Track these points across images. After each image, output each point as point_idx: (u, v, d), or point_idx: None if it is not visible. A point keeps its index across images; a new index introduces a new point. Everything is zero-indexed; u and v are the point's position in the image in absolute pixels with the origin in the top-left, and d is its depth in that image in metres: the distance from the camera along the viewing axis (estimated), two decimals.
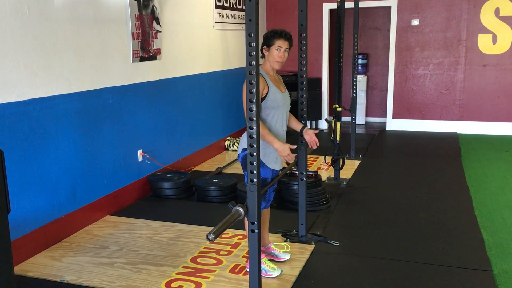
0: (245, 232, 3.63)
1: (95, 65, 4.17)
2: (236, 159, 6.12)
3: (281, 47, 3.09)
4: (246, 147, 3.08)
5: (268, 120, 3.11)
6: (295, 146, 3.17)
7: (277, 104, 3.11)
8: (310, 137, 3.34)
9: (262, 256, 3.19)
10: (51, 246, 3.74)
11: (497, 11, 7.46)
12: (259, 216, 2.55)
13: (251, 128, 2.45)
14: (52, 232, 3.77)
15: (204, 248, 3.68)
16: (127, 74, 4.61)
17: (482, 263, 3.37)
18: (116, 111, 4.47)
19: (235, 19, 7.08)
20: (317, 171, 4.80)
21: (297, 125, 3.42)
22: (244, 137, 3.16)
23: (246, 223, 2.75)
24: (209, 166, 6.06)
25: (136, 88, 4.76)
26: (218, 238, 2.94)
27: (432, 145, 7.12)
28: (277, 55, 3.10)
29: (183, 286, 3.13)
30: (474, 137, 7.55)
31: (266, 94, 3.05)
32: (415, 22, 7.91)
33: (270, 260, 3.38)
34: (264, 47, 3.13)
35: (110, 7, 4.34)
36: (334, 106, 5.45)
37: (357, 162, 6.11)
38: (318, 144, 3.34)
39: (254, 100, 2.41)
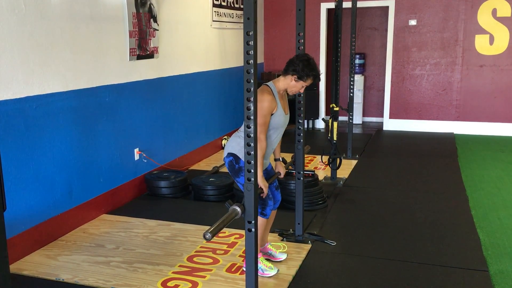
0: (242, 231, 3.61)
1: (92, 63, 4.15)
2: None
3: (307, 85, 3.10)
4: (232, 151, 3.06)
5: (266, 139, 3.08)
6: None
7: (277, 125, 3.12)
8: (279, 170, 3.39)
9: (259, 255, 3.18)
10: (47, 245, 3.72)
11: (494, 12, 7.47)
12: (256, 215, 2.54)
13: (248, 127, 2.43)
14: (47, 231, 3.75)
15: (201, 247, 3.67)
16: (124, 72, 4.59)
17: (478, 263, 3.37)
18: (112, 109, 4.46)
19: (232, 18, 7.06)
20: (314, 171, 4.80)
21: (277, 153, 3.40)
22: (231, 141, 3.11)
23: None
24: (205, 165, 6.05)
25: (133, 86, 4.74)
26: (214, 237, 2.93)
27: (429, 145, 7.13)
28: (299, 89, 3.12)
29: (179, 285, 3.12)
30: (471, 138, 7.56)
31: (273, 114, 3.04)
32: (413, 22, 7.92)
33: (266, 259, 3.37)
34: (295, 74, 3.05)
35: (107, 5, 4.32)
36: (331, 106, 5.45)
37: (354, 162, 6.11)
38: (282, 176, 3.43)
39: (252, 98, 2.40)
